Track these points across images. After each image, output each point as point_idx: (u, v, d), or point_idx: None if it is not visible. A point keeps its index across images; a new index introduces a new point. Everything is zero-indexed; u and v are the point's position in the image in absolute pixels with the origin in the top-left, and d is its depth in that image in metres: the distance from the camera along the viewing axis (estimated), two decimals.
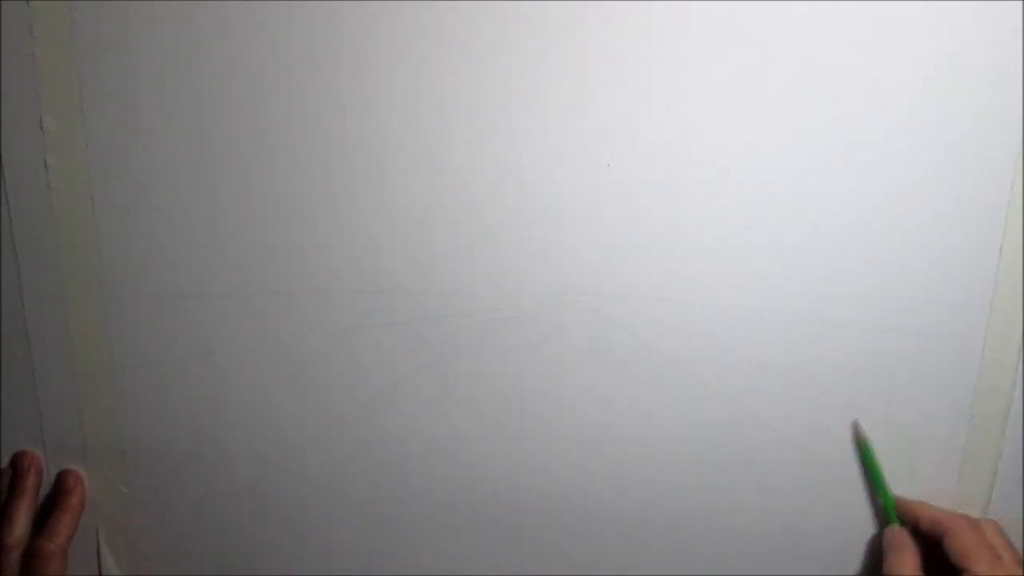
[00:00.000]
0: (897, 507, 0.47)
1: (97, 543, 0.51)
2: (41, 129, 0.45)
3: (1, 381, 0.49)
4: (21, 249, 0.47)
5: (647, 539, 0.50)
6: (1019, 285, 0.44)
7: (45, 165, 0.46)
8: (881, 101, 0.42)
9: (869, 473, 0.47)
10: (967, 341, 0.45)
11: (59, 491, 0.50)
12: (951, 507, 0.47)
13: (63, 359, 0.48)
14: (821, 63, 0.42)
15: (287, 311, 0.48)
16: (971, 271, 0.44)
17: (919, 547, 0.45)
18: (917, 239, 0.44)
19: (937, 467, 0.47)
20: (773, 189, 0.44)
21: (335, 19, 0.43)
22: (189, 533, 0.52)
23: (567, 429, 0.48)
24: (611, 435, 0.48)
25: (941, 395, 0.46)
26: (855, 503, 0.48)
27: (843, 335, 0.46)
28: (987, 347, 0.45)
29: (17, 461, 0.50)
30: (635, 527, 0.50)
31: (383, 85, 0.44)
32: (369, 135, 0.45)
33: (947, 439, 0.46)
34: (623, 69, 0.43)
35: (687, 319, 0.46)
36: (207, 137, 0.45)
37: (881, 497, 0.47)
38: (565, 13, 0.42)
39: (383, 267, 0.47)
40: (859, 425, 0.47)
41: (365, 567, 0.52)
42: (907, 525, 0.46)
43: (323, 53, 0.44)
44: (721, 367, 0.47)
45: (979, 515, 0.47)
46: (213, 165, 0.46)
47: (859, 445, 0.47)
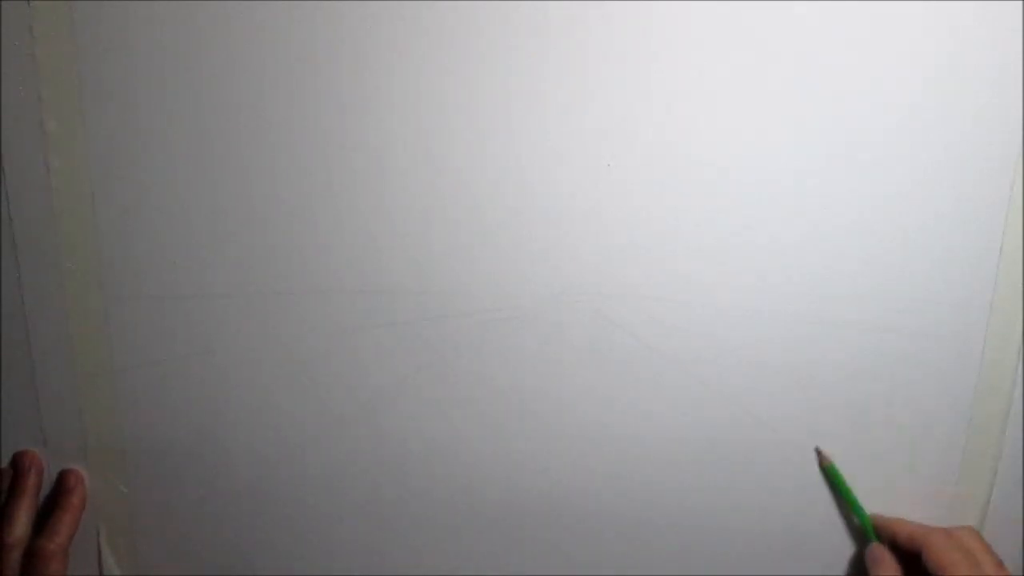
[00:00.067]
0: (875, 525, 0.47)
1: (98, 543, 0.51)
2: (42, 130, 0.45)
3: (1, 381, 0.49)
4: (21, 249, 0.47)
5: (647, 539, 0.50)
6: (1019, 285, 0.44)
7: (46, 165, 0.46)
8: (881, 101, 0.42)
9: (842, 495, 0.47)
10: (967, 341, 0.45)
11: (60, 491, 0.50)
12: (951, 507, 0.47)
13: (63, 359, 0.48)
14: (821, 63, 0.42)
15: (287, 311, 0.48)
16: (971, 271, 0.44)
17: (899, 562, 0.45)
18: (917, 239, 0.44)
19: (937, 467, 0.47)
20: (773, 189, 0.44)
21: (335, 19, 0.43)
22: (189, 533, 0.52)
23: (567, 429, 0.48)
24: (611, 435, 0.48)
25: (941, 395, 0.46)
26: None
27: (843, 335, 0.46)
28: (987, 347, 0.45)
29: (18, 461, 0.50)
30: (635, 527, 0.50)
31: (383, 85, 0.44)
32: (369, 135, 0.45)
33: (947, 439, 0.47)
34: (623, 69, 0.43)
35: (687, 319, 0.46)
36: (207, 137, 0.45)
37: (857, 517, 0.47)
38: (565, 13, 0.42)
39: (383, 267, 0.47)
40: (821, 451, 0.47)
41: (365, 567, 0.52)
42: (885, 542, 0.46)
43: (323, 53, 0.44)
44: (721, 367, 0.47)
45: (979, 515, 0.47)
46: (213, 165, 0.46)
47: (826, 470, 0.47)
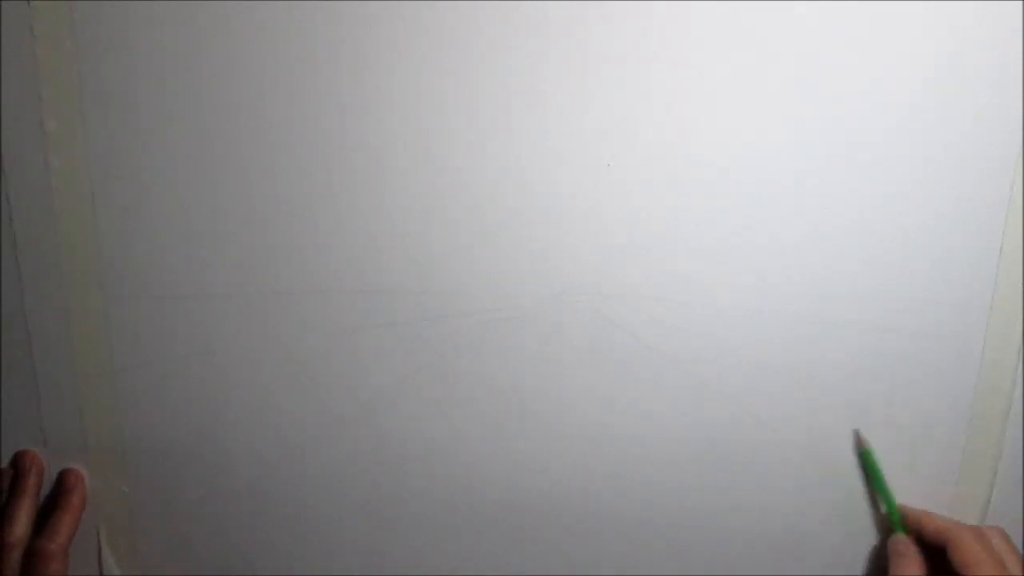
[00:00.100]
0: (902, 516, 0.46)
1: (98, 543, 0.51)
2: (42, 130, 0.45)
3: (1, 381, 0.49)
4: (21, 249, 0.47)
5: (647, 539, 0.50)
6: (1019, 285, 0.44)
7: (45, 165, 0.46)
8: (881, 101, 0.42)
9: (872, 481, 0.47)
10: (967, 341, 0.45)
11: (60, 491, 0.50)
12: (951, 507, 0.47)
13: (63, 359, 0.48)
14: (821, 63, 0.42)
15: (287, 311, 0.48)
16: (971, 271, 0.44)
17: (923, 556, 0.44)
18: (917, 239, 0.44)
19: (937, 467, 0.47)
20: (773, 189, 0.44)
21: (335, 19, 0.43)
22: (189, 533, 0.52)
23: (567, 429, 0.48)
24: (611, 435, 0.48)
25: (941, 395, 0.46)
26: (855, 503, 0.48)
27: (843, 335, 0.46)
28: (987, 347, 0.45)
29: (18, 461, 0.50)
30: (635, 527, 0.50)
31: (383, 85, 0.44)
32: (369, 135, 0.45)
33: (947, 439, 0.46)
34: (623, 69, 0.43)
35: (687, 319, 0.46)
36: (207, 137, 0.45)
37: (886, 505, 0.47)
38: (565, 13, 0.42)
39: (383, 267, 0.47)
40: (861, 434, 0.46)
41: (365, 567, 0.52)
42: (911, 534, 0.46)
43: (323, 53, 0.44)
44: (721, 367, 0.47)
45: (979, 515, 0.47)
46: (213, 165, 0.46)
47: (861, 454, 0.47)
